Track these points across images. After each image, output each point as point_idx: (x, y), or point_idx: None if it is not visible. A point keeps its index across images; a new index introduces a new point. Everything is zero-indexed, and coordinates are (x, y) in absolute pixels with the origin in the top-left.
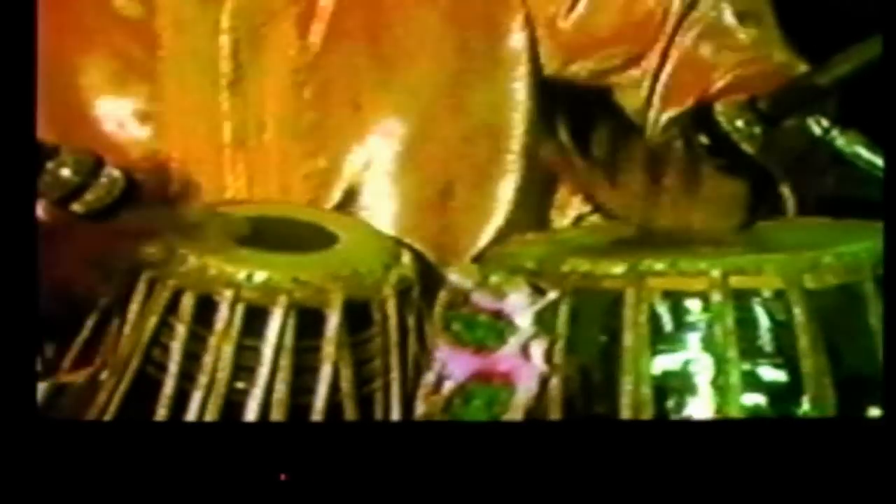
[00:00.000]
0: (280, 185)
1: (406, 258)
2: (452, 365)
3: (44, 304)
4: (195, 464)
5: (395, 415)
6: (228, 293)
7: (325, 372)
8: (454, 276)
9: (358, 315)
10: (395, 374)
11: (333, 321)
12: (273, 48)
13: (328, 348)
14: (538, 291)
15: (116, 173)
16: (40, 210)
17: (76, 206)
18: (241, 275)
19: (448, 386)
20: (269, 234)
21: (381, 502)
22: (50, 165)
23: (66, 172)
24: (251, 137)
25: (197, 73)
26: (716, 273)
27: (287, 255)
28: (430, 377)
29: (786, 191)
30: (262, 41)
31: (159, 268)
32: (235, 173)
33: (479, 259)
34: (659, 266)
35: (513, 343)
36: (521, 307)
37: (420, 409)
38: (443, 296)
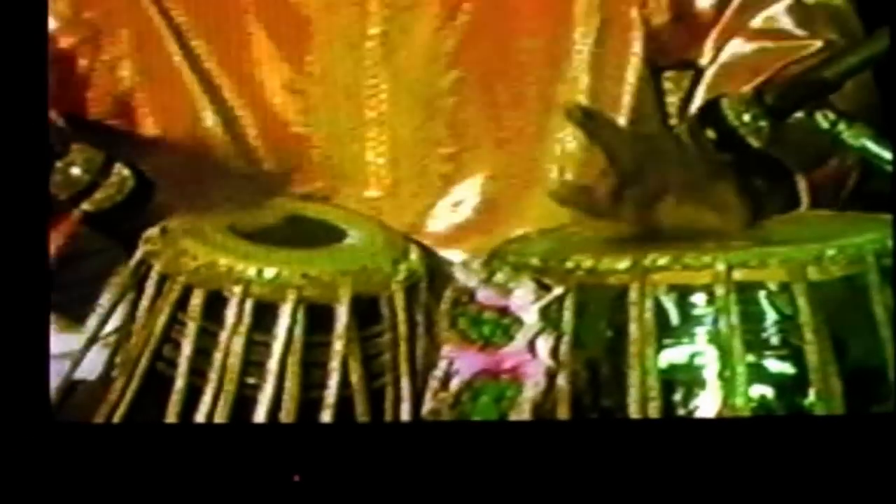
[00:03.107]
0: (419, 167)
1: (414, 254)
2: (459, 362)
3: None
4: (206, 465)
5: (406, 409)
6: (238, 289)
7: (335, 367)
8: (460, 274)
9: (367, 310)
10: (404, 369)
11: (342, 317)
12: (420, 31)
13: (337, 344)
14: (543, 287)
15: (126, 171)
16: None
17: (86, 205)
18: (251, 271)
19: (455, 383)
20: (278, 231)
21: (391, 502)
22: (60, 164)
23: (76, 171)
24: (395, 117)
25: (345, 53)
26: (720, 266)
27: (296, 251)
28: (437, 374)
29: (800, 183)
30: (410, 23)
31: (160, 258)
32: (377, 152)
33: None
34: (663, 261)
35: (519, 339)
36: (526, 303)
37: (428, 406)
38: (448, 293)
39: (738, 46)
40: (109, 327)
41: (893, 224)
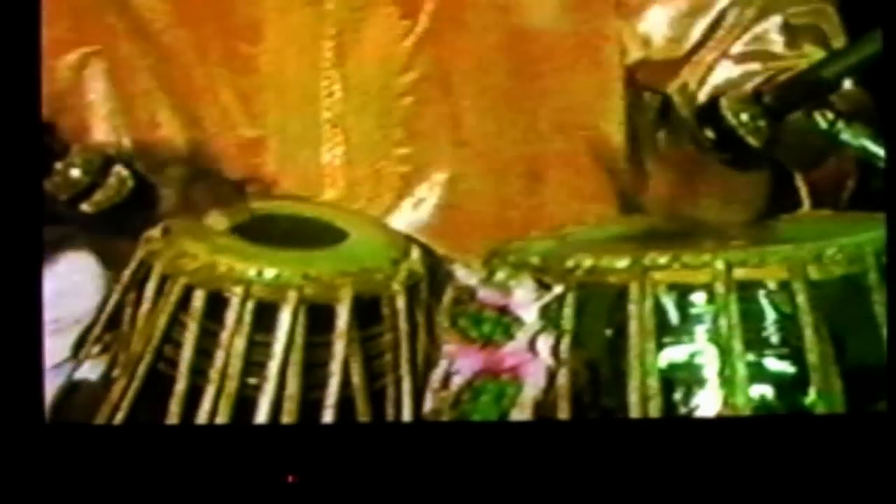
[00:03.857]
0: (373, 168)
1: (414, 254)
2: (460, 361)
3: None
4: (208, 465)
5: (407, 409)
6: (239, 290)
7: (336, 367)
8: (460, 273)
9: (367, 310)
10: (405, 369)
11: (343, 317)
12: (375, 33)
13: (338, 344)
14: (543, 287)
15: (125, 172)
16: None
17: (85, 206)
18: (251, 271)
19: (456, 382)
20: (279, 231)
21: (392, 502)
22: (59, 165)
23: (75, 172)
24: (350, 117)
25: (298, 55)
26: (719, 265)
27: (296, 251)
28: (438, 373)
29: (800, 183)
30: (363, 24)
31: (160, 258)
32: (333, 153)
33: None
34: (662, 260)
35: (520, 338)
36: (526, 302)
37: (429, 405)
38: (449, 293)
39: (726, 70)
40: (111, 328)
41: (887, 223)
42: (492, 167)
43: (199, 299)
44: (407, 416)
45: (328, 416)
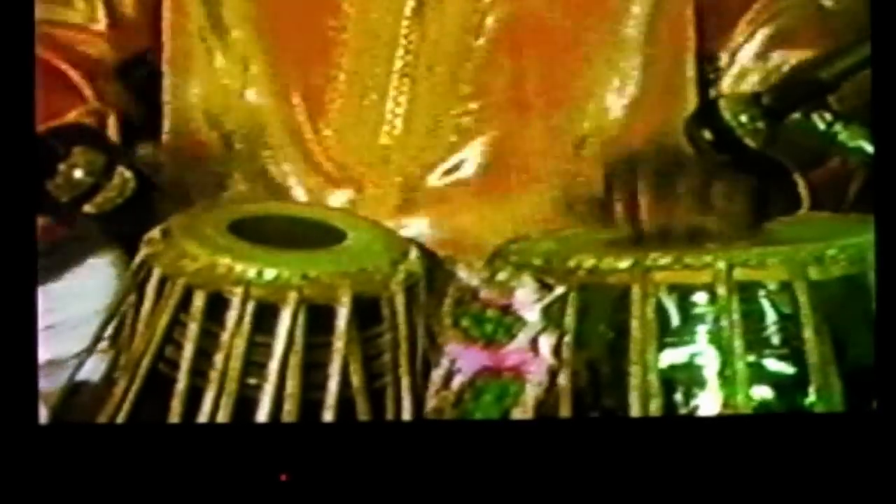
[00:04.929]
0: (433, 122)
1: (413, 254)
2: (462, 360)
3: None
4: (209, 465)
5: (407, 410)
6: (238, 290)
7: (336, 368)
8: (462, 274)
9: (367, 311)
10: (405, 369)
11: (343, 317)
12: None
13: (338, 344)
14: (545, 287)
15: (128, 173)
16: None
17: (88, 208)
18: (251, 272)
19: (458, 381)
20: (278, 232)
21: (393, 502)
22: (62, 167)
23: (78, 173)
24: (420, 70)
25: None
26: (721, 266)
27: (296, 252)
28: (439, 373)
29: (799, 183)
30: None
31: (160, 260)
32: (397, 102)
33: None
34: (664, 260)
35: (522, 337)
36: (529, 303)
37: (430, 404)
38: (451, 292)
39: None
40: (111, 330)
41: (875, 225)
42: (547, 129)
43: (199, 300)
44: (407, 416)
45: (328, 416)
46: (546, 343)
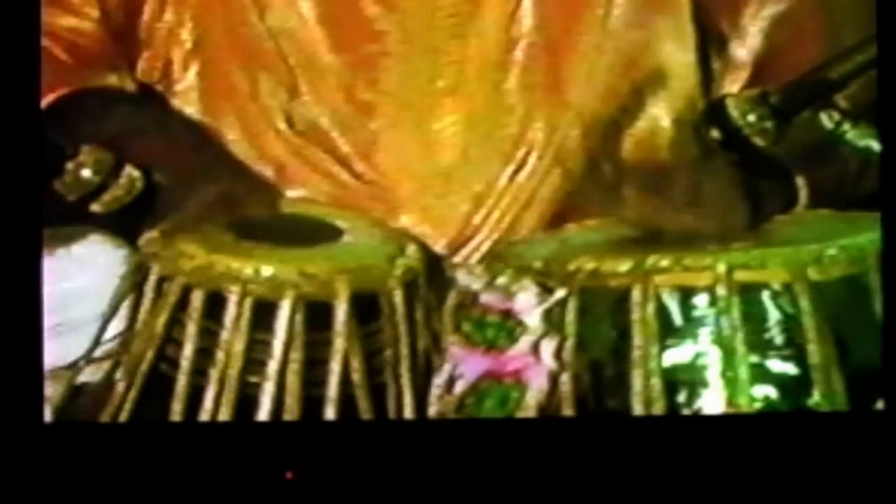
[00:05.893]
0: (485, 135)
1: (411, 250)
2: (464, 365)
3: None
4: (210, 463)
5: (408, 406)
6: (236, 289)
7: (336, 364)
8: (463, 278)
9: (366, 307)
10: (405, 365)
11: (342, 313)
12: (493, 4)
13: (338, 340)
14: (546, 290)
15: (136, 173)
16: None
17: (95, 207)
18: (248, 270)
19: (460, 386)
20: (275, 229)
21: (394, 500)
22: (70, 166)
23: (86, 173)
24: (466, 85)
25: (422, 22)
26: (721, 268)
27: (293, 249)
28: (442, 377)
29: (800, 182)
30: None
31: (159, 259)
32: (444, 121)
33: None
34: (664, 263)
35: (523, 342)
36: (529, 306)
37: (433, 409)
38: (452, 297)
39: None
40: (112, 330)
41: (882, 223)
42: (591, 128)
43: (197, 299)
44: (408, 411)
45: (329, 413)
46: (547, 347)
